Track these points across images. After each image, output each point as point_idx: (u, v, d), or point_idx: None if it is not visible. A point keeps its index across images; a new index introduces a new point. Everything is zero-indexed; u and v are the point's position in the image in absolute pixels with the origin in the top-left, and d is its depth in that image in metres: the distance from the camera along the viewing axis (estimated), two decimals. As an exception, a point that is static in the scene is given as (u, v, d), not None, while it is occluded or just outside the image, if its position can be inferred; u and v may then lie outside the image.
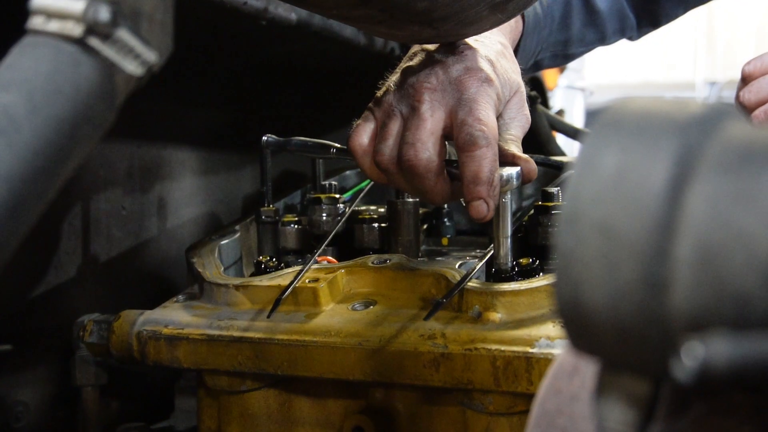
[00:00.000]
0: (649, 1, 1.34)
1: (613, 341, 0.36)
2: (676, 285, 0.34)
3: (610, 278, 0.35)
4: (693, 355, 0.30)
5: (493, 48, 0.95)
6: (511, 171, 0.87)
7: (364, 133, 0.91)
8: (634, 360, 0.37)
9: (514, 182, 0.87)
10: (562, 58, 1.29)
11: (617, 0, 1.30)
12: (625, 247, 0.35)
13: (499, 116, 0.91)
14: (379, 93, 0.93)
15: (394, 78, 0.93)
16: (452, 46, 0.92)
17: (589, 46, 1.32)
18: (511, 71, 0.94)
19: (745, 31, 8.33)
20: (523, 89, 0.95)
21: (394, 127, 0.89)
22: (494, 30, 0.99)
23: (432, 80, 0.88)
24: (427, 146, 0.85)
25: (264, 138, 1.13)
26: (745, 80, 1.19)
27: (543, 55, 1.21)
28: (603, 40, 1.33)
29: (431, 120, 0.86)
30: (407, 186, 0.90)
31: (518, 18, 1.09)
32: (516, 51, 1.10)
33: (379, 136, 0.90)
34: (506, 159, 0.88)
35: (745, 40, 8.32)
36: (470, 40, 0.94)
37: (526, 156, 0.90)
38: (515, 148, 0.90)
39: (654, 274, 0.34)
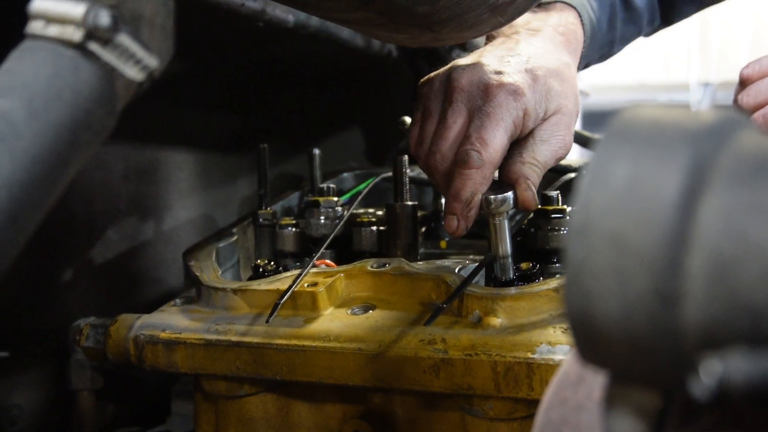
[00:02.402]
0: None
1: (624, 354, 0.36)
2: (688, 298, 0.33)
3: (621, 290, 0.35)
4: (711, 373, 0.29)
5: (547, 64, 0.93)
6: (506, 194, 0.88)
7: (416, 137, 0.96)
8: (645, 372, 0.36)
9: (510, 204, 0.89)
10: (606, 57, 1.29)
11: None
12: (636, 259, 0.34)
13: (529, 133, 0.90)
14: (422, 83, 0.96)
15: (442, 69, 0.95)
16: (506, 51, 0.94)
17: (627, 42, 1.32)
18: (559, 93, 0.92)
19: (738, 33, 8.35)
20: (568, 113, 0.93)
21: (429, 129, 0.93)
22: (561, 46, 1.00)
23: (464, 79, 0.90)
24: (446, 158, 0.90)
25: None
26: (743, 83, 1.19)
27: (592, 58, 1.20)
28: (639, 34, 1.33)
29: (453, 128, 0.89)
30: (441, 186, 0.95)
31: (581, 31, 1.07)
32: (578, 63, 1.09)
33: (418, 138, 0.94)
34: (509, 180, 0.89)
35: (738, 41, 8.34)
36: (528, 48, 0.95)
37: (527, 183, 0.89)
38: (526, 171, 0.89)
39: (666, 287, 0.34)
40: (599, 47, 1.21)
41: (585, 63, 1.17)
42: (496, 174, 0.92)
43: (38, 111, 0.44)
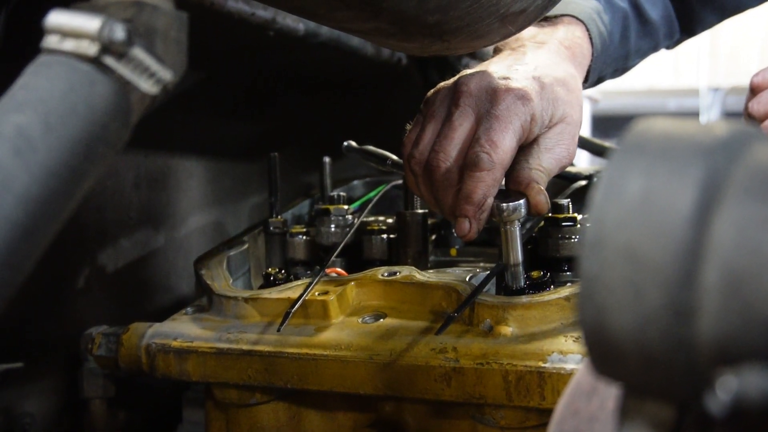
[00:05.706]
0: (686, 9, 1.33)
1: (638, 367, 0.36)
2: (703, 312, 0.33)
3: (635, 304, 0.35)
4: (726, 389, 0.29)
5: (554, 73, 0.94)
6: (519, 201, 0.88)
7: (413, 139, 0.94)
8: (660, 386, 0.36)
9: (522, 211, 0.88)
10: (621, 71, 1.29)
11: (666, 6, 1.29)
12: (650, 273, 0.34)
13: (534, 140, 0.90)
14: (430, 92, 0.95)
15: (449, 80, 0.95)
16: (513, 61, 0.94)
17: (644, 56, 1.31)
18: (565, 102, 0.92)
19: (749, 38, 8.32)
20: (573, 123, 0.93)
21: (430, 131, 0.91)
22: (566, 59, 1.00)
23: (472, 84, 0.90)
24: (449, 156, 0.88)
25: (345, 144, 1.14)
26: (754, 91, 1.18)
27: (605, 72, 1.20)
28: (656, 47, 1.32)
29: (459, 130, 0.88)
30: (429, 192, 0.92)
31: (588, 45, 1.07)
32: (586, 77, 1.09)
33: (415, 140, 0.92)
34: (519, 186, 0.89)
35: (748, 46, 8.31)
36: (535, 58, 0.95)
37: (539, 187, 0.89)
38: (535, 176, 0.90)
39: (680, 301, 0.34)
40: (612, 60, 1.20)
41: (598, 77, 1.17)
42: (502, 183, 0.92)
43: (54, 125, 0.45)
